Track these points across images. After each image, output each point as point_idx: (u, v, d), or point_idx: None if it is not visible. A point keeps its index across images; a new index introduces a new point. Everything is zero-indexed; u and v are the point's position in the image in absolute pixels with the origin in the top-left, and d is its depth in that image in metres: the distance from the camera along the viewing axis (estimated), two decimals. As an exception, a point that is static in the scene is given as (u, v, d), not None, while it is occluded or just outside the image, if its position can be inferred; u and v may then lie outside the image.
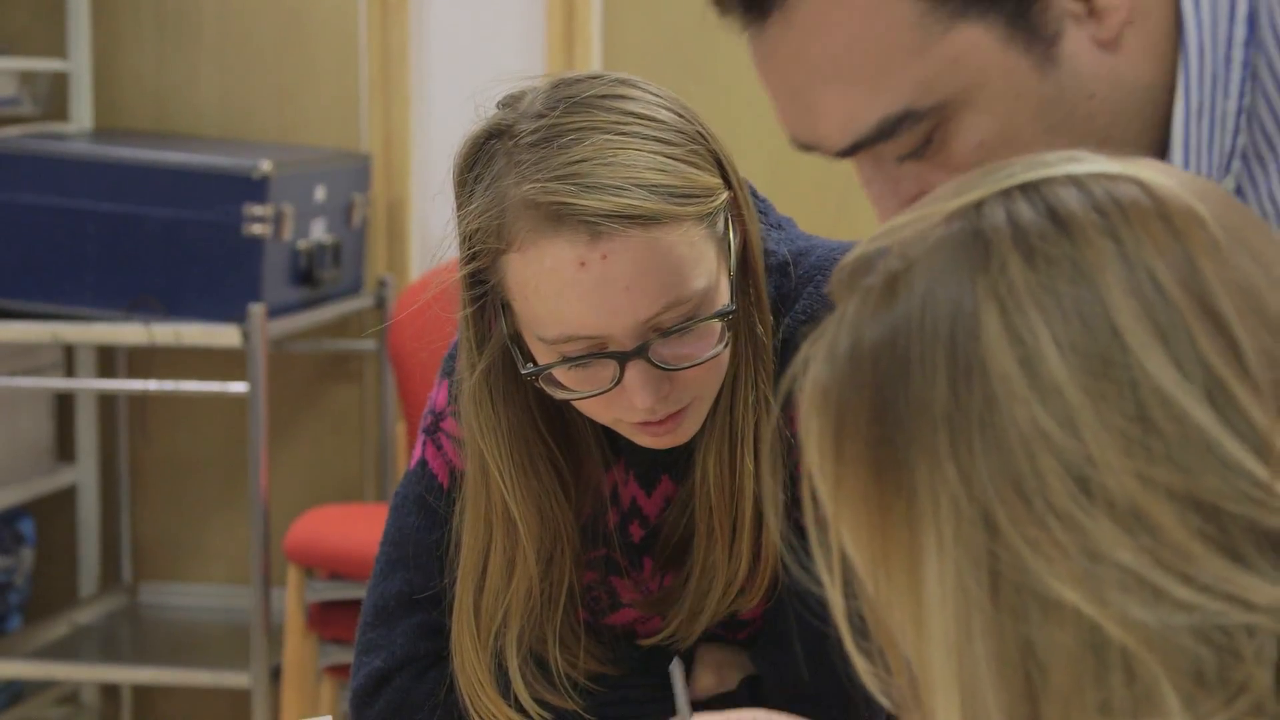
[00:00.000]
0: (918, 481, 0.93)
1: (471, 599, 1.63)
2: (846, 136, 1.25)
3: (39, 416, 4.08)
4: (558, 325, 1.50)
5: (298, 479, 4.08)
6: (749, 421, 1.59)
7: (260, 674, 3.58)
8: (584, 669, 1.64)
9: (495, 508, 1.61)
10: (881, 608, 0.96)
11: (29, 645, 3.88)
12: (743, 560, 1.61)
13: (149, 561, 4.22)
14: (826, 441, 0.97)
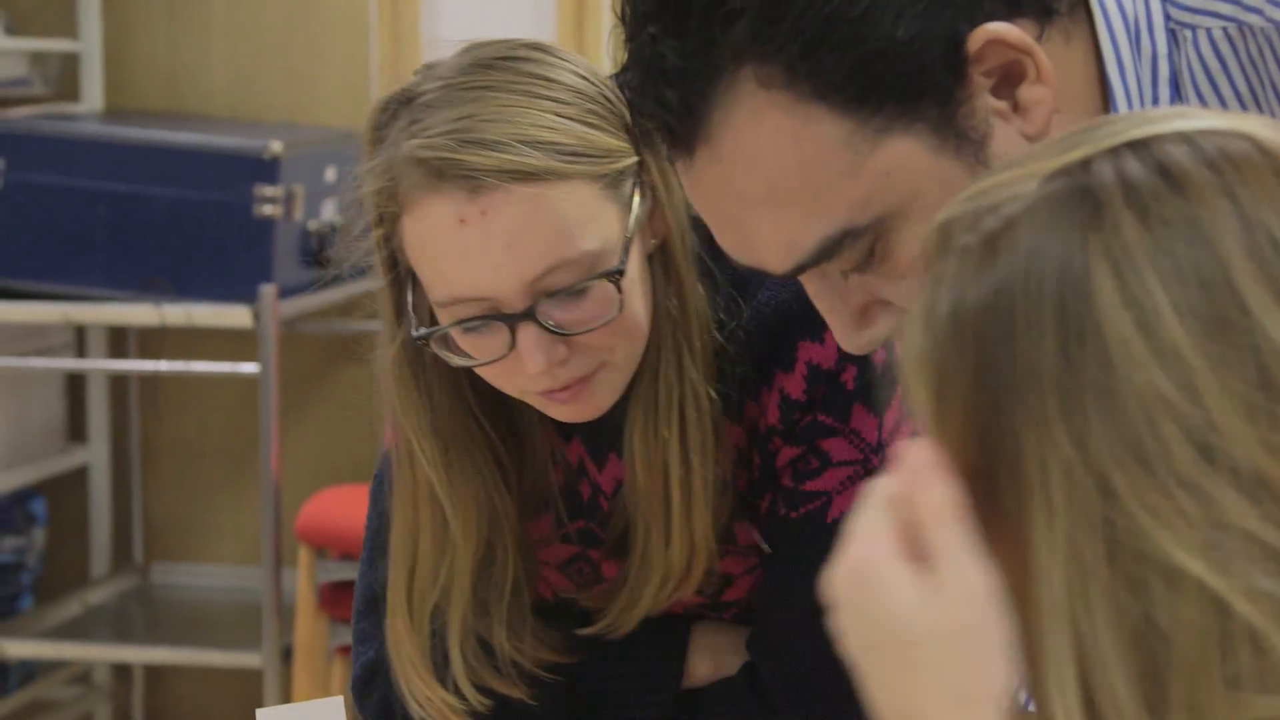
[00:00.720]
0: (1025, 449, 0.91)
1: (404, 581, 1.60)
2: (788, 261, 1.24)
3: (50, 397, 4.09)
4: (445, 286, 1.48)
5: (309, 459, 4.08)
6: (672, 406, 1.55)
7: (271, 654, 3.58)
8: (533, 657, 1.61)
9: (421, 489, 1.58)
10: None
11: (41, 625, 3.89)
12: (677, 550, 1.58)
13: (160, 542, 4.22)
14: (926, 408, 0.96)
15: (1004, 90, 1.20)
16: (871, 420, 1.60)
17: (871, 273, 1.24)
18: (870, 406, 1.60)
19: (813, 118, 1.19)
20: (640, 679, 1.64)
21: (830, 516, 1.61)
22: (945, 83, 1.19)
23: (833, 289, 1.26)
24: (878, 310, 1.26)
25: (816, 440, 1.60)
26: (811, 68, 1.18)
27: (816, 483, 1.60)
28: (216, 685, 4.11)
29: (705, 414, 1.56)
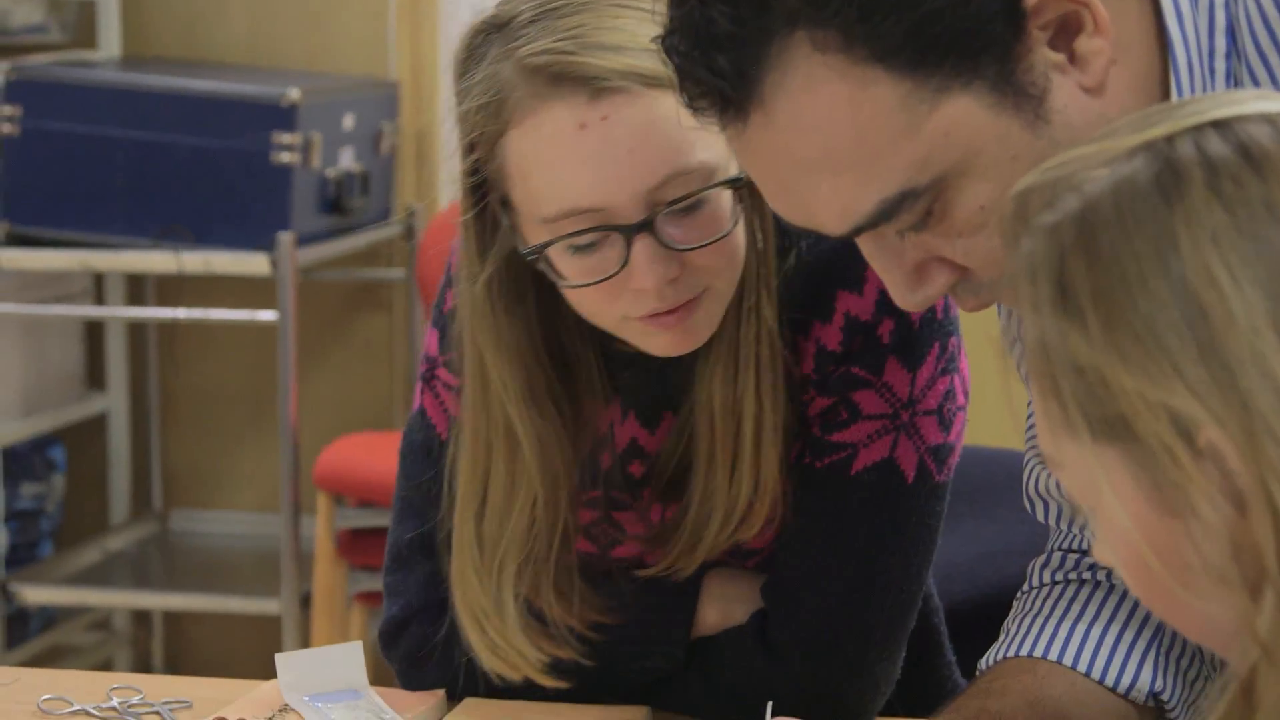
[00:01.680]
0: (1142, 413, 0.95)
1: (472, 528, 1.59)
2: (845, 223, 1.24)
3: (69, 344, 4.09)
4: (559, 199, 1.46)
5: (327, 407, 4.09)
6: (751, 344, 1.55)
7: (290, 601, 3.60)
8: (580, 617, 1.62)
9: (496, 425, 1.56)
10: None
11: (61, 571, 3.90)
12: (743, 489, 1.58)
13: (179, 489, 4.24)
14: (1045, 388, 0.98)
15: (1061, 43, 1.20)
16: (904, 375, 1.60)
17: (928, 231, 1.24)
18: (905, 361, 1.60)
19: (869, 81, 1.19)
20: (651, 628, 1.65)
21: (854, 469, 1.61)
22: (1003, 38, 1.18)
23: (888, 248, 1.26)
24: (933, 267, 1.26)
25: (848, 392, 1.60)
26: (869, 31, 1.17)
27: (844, 434, 1.61)
28: (235, 631, 4.13)
29: (778, 354, 1.57)
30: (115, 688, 1.75)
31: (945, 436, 1.62)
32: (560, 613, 1.60)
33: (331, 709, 1.65)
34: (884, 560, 1.62)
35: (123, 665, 4.19)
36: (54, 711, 1.71)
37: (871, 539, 1.61)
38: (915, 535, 1.62)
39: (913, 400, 1.60)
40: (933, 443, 1.62)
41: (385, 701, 1.67)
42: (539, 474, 1.57)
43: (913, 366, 1.60)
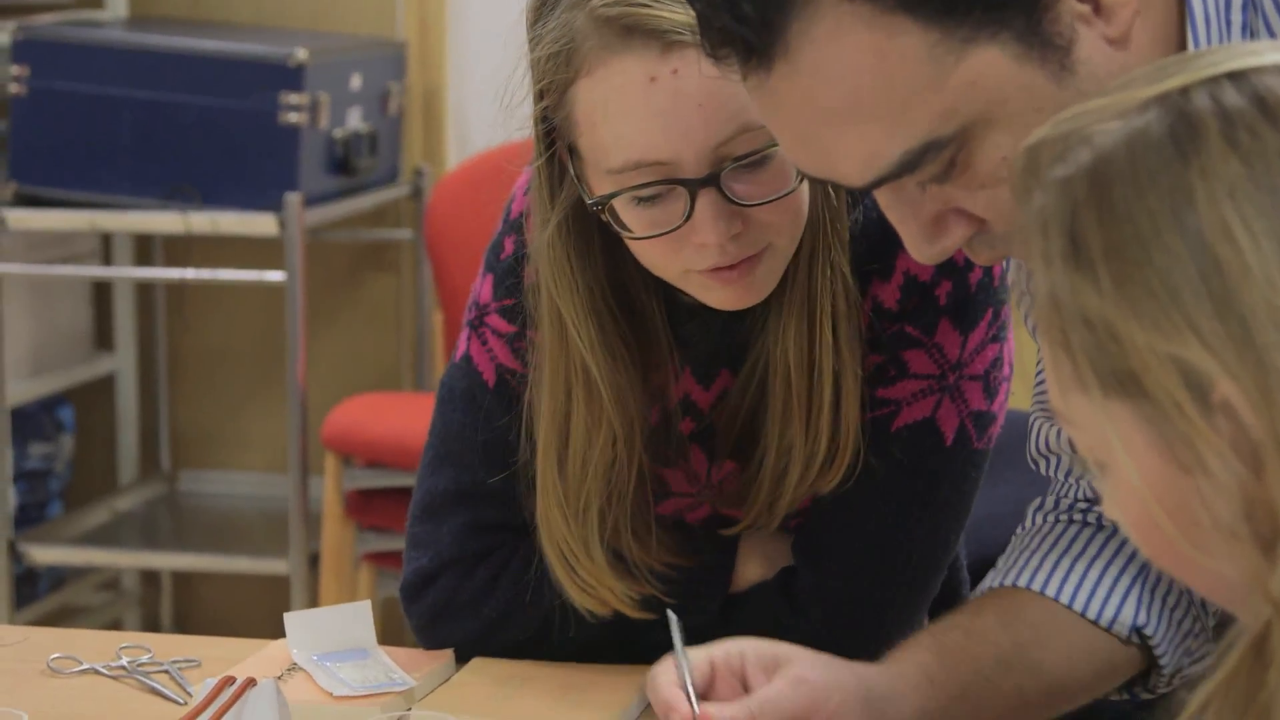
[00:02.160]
0: (1151, 364, 0.95)
1: (555, 470, 1.60)
2: (868, 174, 1.24)
3: (77, 305, 4.10)
4: (625, 150, 1.46)
5: (335, 368, 4.09)
6: (826, 294, 1.56)
7: (299, 561, 3.61)
8: (657, 556, 1.63)
9: (575, 369, 1.57)
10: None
11: (70, 531, 3.91)
12: (822, 441, 1.58)
13: (187, 449, 4.24)
14: (1055, 342, 0.98)
15: None
16: (956, 337, 1.61)
17: (950, 183, 1.23)
18: (957, 324, 1.61)
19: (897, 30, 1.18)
20: (689, 584, 1.65)
21: (894, 426, 1.62)
22: None
23: (906, 200, 1.26)
24: (951, 219, 1.26)
25: (899, 350, 1.61)
26: None
27: (890, 391, 1.61)
28: (244, 591, 4.13)
29: (855, 304, 1.57)
30: (124, 646, 1.75)
31: (988, 404, 1.62)
32: (640, 553, 1.61)
33: (340, 668, 1.65)
34: (914, 520, 1.62)
35: (131, 625, 4.20)
36: (63, 670, 1.72)
37: (903, 498, 1.62)
38: (947, 498, 1.63)
39: (960, 363, 1.61)
40: (975, 408, 1.62)
41: (394, 661, 1.67)
42: (617, 416, 1.58)
43: (965, 330, 1.61)
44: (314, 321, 3.93)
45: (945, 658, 1.41)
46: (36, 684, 1.69)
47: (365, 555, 3.62)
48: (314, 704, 1.59)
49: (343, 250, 4.12)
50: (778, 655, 1.38)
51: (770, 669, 1.37)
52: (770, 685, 1.35)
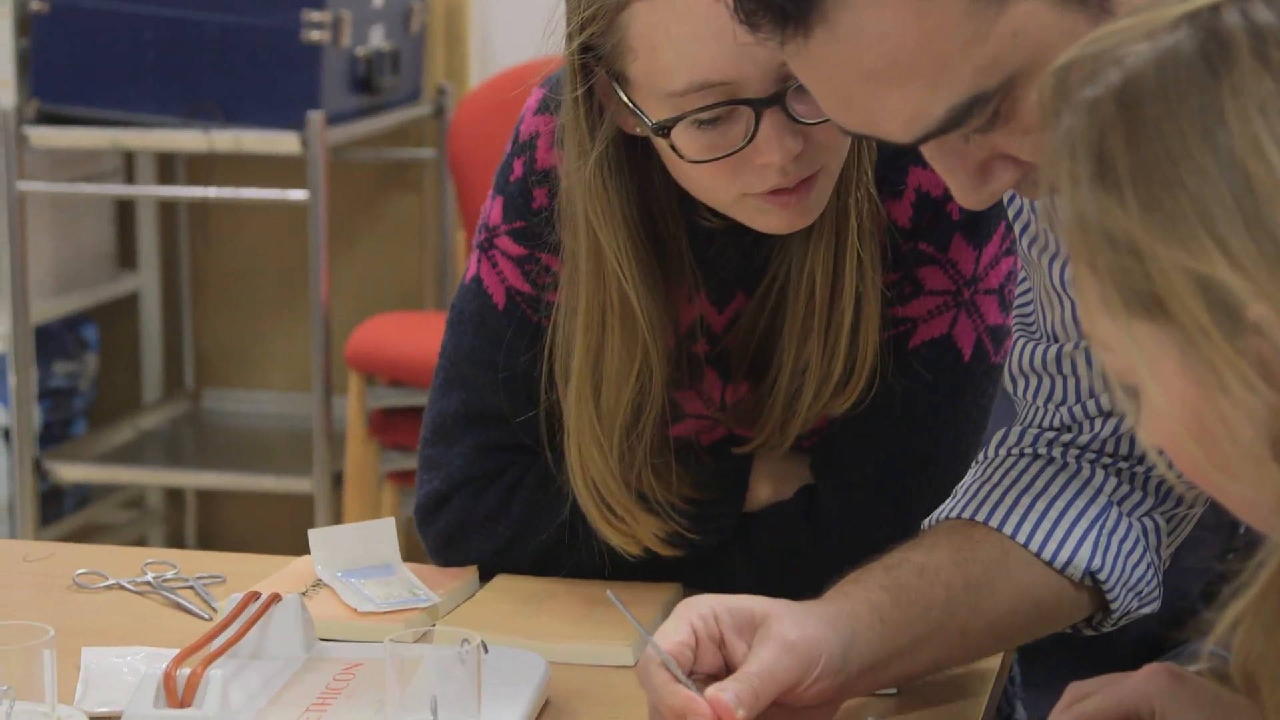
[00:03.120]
0: (1178, 283, 0.94)
1: (590, 403, 1.59)
2: (914, 131, 1.22)
3: (100, 223, 4.10)
4: (690, 71, 1.45)
5: (357, 287, 4.09)
6: (855, 216, 1.56)
7: (322, 480, 3.62)
8: (678, 493, 1.63)
9: (611, 301, 1.57)
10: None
11: (95, 450, 3.93)
12: (839, 361, 1.58)
13: (211, 368, 4.25)
14: (1083, 265, 0.98)
15: None
16: (970, 252, 1.60)
17: (995, 131, 1.22)
18: (971, 239, 1.60)
19: None
20: (702, 504, 1.65)
21: (911, 343, 1.62)
22: None
23: (951, 150, 1.25)
24: (997, 165, 1.25)
25: (913, 268, 1.61)
26: None
27: (906, 309, 1.61)
28: (268, 510, 4.15)
29: (881, 223, 1.57)
30: (149, 562, 1.76)
31: (1004, 318, 1.62)
32: (660, 489, 1.61)
33: (364, 584, 1.66)
34: (934, 437, 1.62)
35: (156, 543, 4.22)
36: (89, 586, 1.73)
37: (923, 415, 1.62)
38: (967, 414, 1.63)
39: (975, 278, 1.61)
40: (991, 323, 1.62)
41: (417, 578, 1.68)
42: (653, 344, 1.57)
43: (979, 244, 1.60)
44: (336, 241, 3.93)
45: (899, 596, 1.40)
46: (62, 599, 1.70)
47: (389, 474, 3.63)
48: (338, 620, 1.59)
49: (365, 169, 4.12)
50: (752, 612, 1.36)
51: (747, 630, 1.35)
52: (762, 653, 1.33)
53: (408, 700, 1.33)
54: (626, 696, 1.49)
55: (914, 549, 1.45)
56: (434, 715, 1.32)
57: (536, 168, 1.64)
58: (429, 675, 1.33)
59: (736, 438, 1.67)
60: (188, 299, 4.24)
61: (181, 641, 1.41)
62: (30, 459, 3.69)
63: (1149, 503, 1.48)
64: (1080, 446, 1.49)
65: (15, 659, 1.34)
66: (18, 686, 1.33)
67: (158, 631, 1.61)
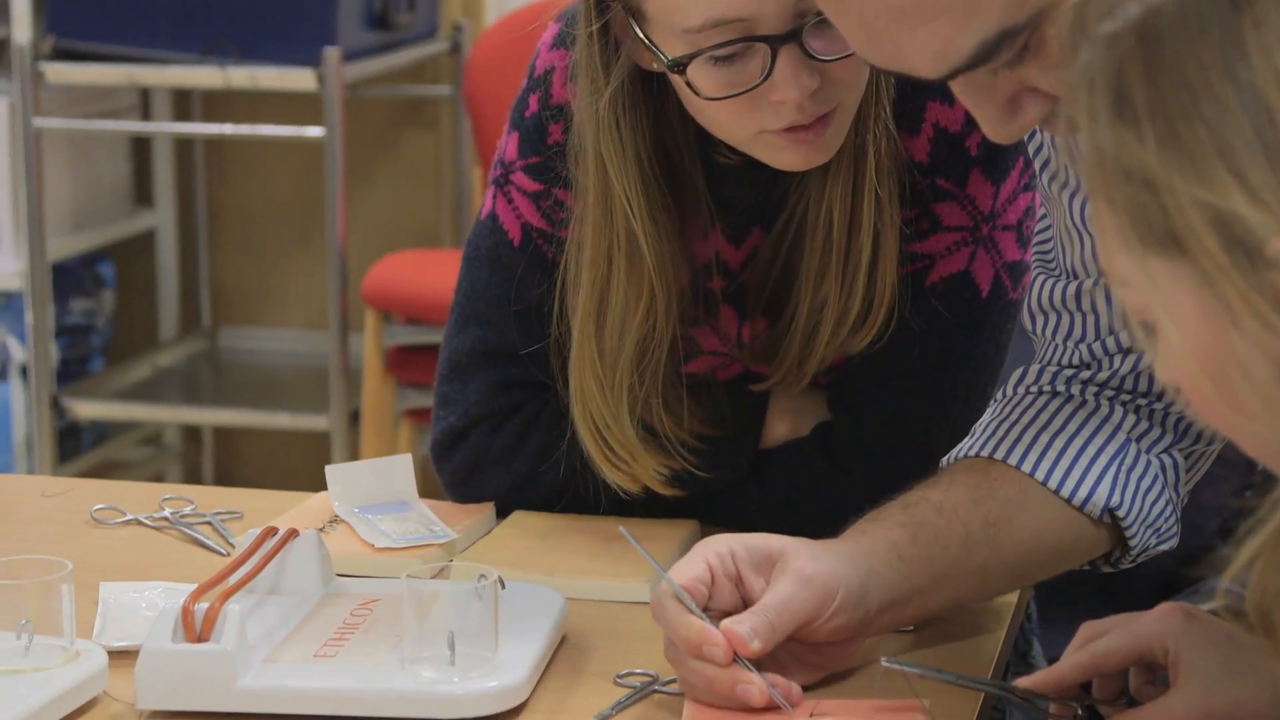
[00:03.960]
0: (1190, 211, 0.94)
1: (593, 341, 1.60)
2: (942, 67, 1.21)
3: (116, 160, 4.09)
4: (705, 8, 1.44)
5: (374, 224, 4.09)
6: (873, 149, 1.55)
7: (339, 417, 3.62)
8: (689, 429, 1.63)
9: (618, 238, 1.56)
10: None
11: (111, 387, 3.93)
12: (857, 299, 1.58)
13: (228, 306, 4.26)
14: (1100, 200, 0.97)
15: None
16: (988, 188, 1.60)
17: (1023, 65, 1.22)
18: (989, 174, 1.59)
19: None
20: (717, 441, 1.65)
21: (929, 280, 1.61)
22: None
23: (980, 86, 1.24)
24: (1026, 99, 1.24)
25: (931, 204, 1.60)
26: None
27: (923, 245, 1.61)
28: (285, 447, 4.16)
29: (901, 160, 1.56)
30: (167, 498, 1.76)
31: (1022, 254, 1.62)
32: (671, 424, 1.61)
33: (381, 520, 1.66)
34: (952, 373, 1.62)
35: (174, 480, 4.23)
36: (106, 521, 1.73)
37: (941, 351, 1.62)
38: (984, 351, 1.62)
39: (993, 214, 1.60)
40: (1009, 259, 1.61)
41: (434, 514, 1.68)
42: (660, 284, 1.57)
43: (997, 180, 1.60)
44: (353, 178, 3.92)
45: (917, 534, 1.40)
46: (80, 534, 1.70)
47: (405, 411, 3.63)
48: (356, 556, 1.59)
49: (381, 106, 4.10)
50: (770, 550, 1.35)
51: (764, 567, 1.35)
52: (779, 586, 1.32)
53: (425, 635, 1.33)
54: (643, 632, 1.49)
55: (932, 487, 1.44)
56: (451, 650, 1.33)
57: (552, 103, 1.64)
58: (446, 610, 1.33)
59: (753, 375, 1.67)
60: (204, 236, 4.24)
61: (199, 577, 1.41)
62: (48, 396, 3.70)
63: (1168, 439, 1.48)
64: (1099, 384, 1.48)
65: (33, 593, 1.34)
66: (36, 621, 1.34)
67: (175, 567, 1.62)
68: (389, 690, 1.32)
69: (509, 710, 1.33)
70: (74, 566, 1.36)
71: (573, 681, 1.40)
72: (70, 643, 1.35)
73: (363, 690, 1.32)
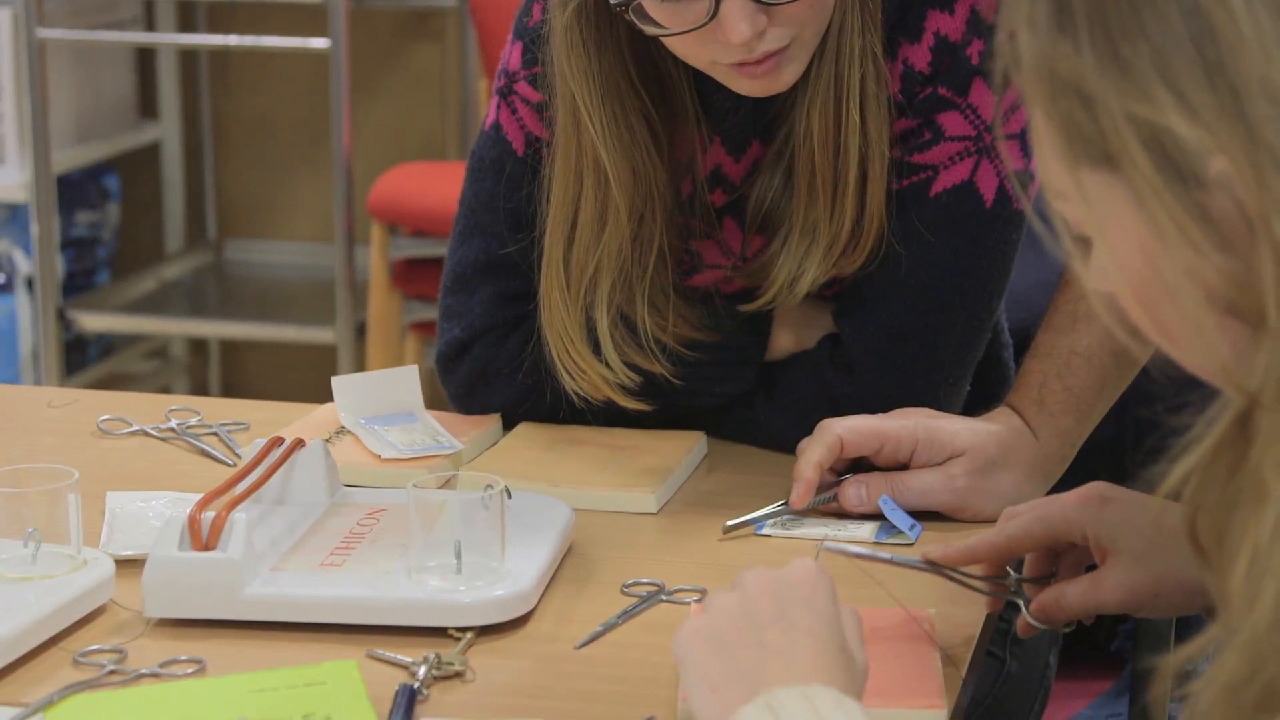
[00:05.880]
0: (1123, 128, 0.92)
1: (561, 252, 1.61)
2: None
3: (121, 72, 4.07)
4: None
5: (379, 137, 4.07)
6: (854, 73, 1.54)
7: (345, 330, 3.62)
8: (674, 333, 1.63)
9: (586, 157, 1.58)
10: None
11: (117, 299, 3.93)
12: (846, 219, 1.58)
13: (233, 219, 4.25)
14: (1038, 112, 0.96)
15: None
16: (990, 97, 1.59)
17: None
18: (992, 82, 1.58)
19: None
20: (724, 353, 1.65)
21: (933, 191, 1.61)
22: None
23: None
24: None
25: (932, 114, 1.59)
26: None
27: (925, 156, 1.60)
28: (291, 360, 4.16)
29: (884, 80, 1.55)
30: (173, 409, 1.76)
31: (1027, 163, 1.61)
32: (654, 326, 1.61)
33: (387, 431, 1.66)
34: (957, 282, 1.62)
35: (180, 393, 4.23)
36: (113, 432, 1.73)
37: (947, 261, 1.61)
38: (990, 260, 1.62)
39: (996, 123, 1.59)
40: (1014, 168, 1.61)
41: (440, 425, 1.68)
42: (625, 206, 1.58)
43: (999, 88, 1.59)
44: (358, 90, 3.90)
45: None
46: (87, 444, 1.71)
47: (411, 325, 3.63)
48: (362, 466, 1.60)
49: (387, 18, 4.08)
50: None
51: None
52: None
53: (431, 545, 1.33)
54: (649, 542, 1.49)
55: (1071, 333, 1.56)
56: (457, 559, 1.33)
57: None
58: (452, 520, 1.33)
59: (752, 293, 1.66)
60: (209, 149, 4.22)
61: (206, 487, 1.41)
62: (54, 308, 3.70)
63: None
64: None
65: (40, 502, 1.34)
66: (43, 529, 1.34)
67: (182, 477, 1.62)
68: (395, 599, 1.32)
69: (515, 618, 1.33)
70: (80, 476, 1.36)
71: (579, 591, 1.40)
72: (77, 551, 1.35)
73: (369, 599, 1.32)
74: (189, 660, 1.28)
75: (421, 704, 1.22)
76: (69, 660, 1.28)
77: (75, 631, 1.31)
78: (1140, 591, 1.28)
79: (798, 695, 1.02)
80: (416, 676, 1.24)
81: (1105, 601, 1.29)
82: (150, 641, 1.31)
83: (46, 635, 1.29)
